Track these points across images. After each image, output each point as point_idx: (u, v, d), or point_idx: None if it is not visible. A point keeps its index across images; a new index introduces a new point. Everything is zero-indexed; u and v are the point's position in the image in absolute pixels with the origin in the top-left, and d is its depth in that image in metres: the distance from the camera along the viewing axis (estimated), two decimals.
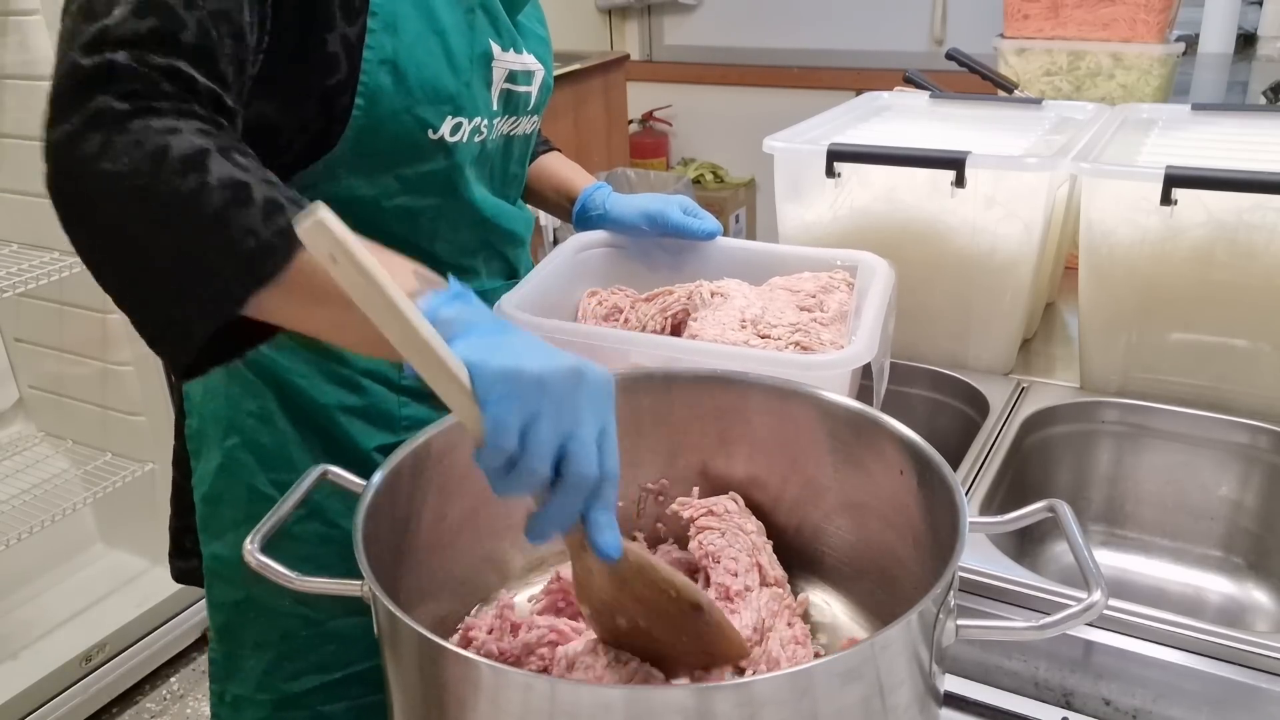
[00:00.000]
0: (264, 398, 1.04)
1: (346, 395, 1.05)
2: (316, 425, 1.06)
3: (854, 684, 0.62)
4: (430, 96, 0.95)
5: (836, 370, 0.93)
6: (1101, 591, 0.66)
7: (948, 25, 3.74)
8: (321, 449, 1.06)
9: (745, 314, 1.05)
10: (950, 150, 1.20)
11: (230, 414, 1.06)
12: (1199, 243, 1.11)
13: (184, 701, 2.26)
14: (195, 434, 1.10)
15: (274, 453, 1.05)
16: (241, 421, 1.05)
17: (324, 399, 1.05)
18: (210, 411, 1.07)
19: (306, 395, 1.04)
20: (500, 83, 1.03)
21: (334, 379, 1.05)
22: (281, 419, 1.05)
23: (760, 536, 0.91)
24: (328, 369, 1.05)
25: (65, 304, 2.17)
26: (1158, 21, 1.85)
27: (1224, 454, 1.15)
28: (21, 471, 2.26)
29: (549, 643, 0.79)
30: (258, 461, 1.06)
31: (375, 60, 0.90)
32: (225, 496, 1.08)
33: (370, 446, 1.06)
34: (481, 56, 1.00)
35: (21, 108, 2.00)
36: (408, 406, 1.08)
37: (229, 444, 1.06)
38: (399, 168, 0.97)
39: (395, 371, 1.07)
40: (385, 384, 1.07)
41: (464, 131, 0.99)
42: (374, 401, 1.07)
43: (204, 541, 1.12)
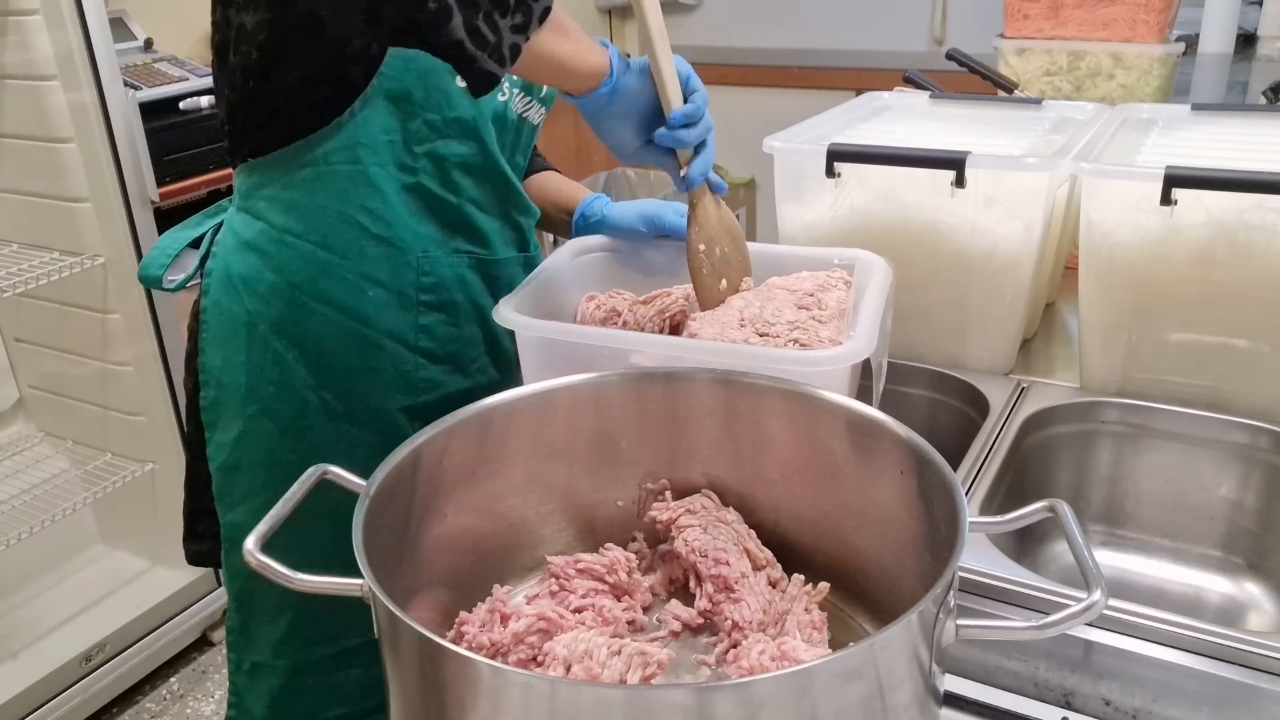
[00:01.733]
0: (286, 364, 1.08)
1: (369, 356, 1.10)
2: (339, 389, 1.10)
3: (854, 684, 0.62)
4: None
5: (836, 366, 0.93)
6: (1101, 591, 0.66)
7: (948, 25, 3.74)
8: (342, 412, 1.10)
9: (744, 313, 1.06)
10: (950, 150, 1.20)
11: (251, 382, 1.09)
12: (1199, 243, 1.11)
13: (184, 701, 2.26)
14: (212, 405, 1.13)
15: (293, 419, 1.09)
16: (262, 388, 1.09)
17: (348, 360, 1.09)
18: (230, 381, 1.11)
19: (331, 357, 1.09)
20: None
21: (357, 341, 1.09)
22: (303, 385, 1.09)
23: (741, 525, 0.92)
24: (352, 330, 1.08)
25: (65, 304, 2.17)
26: (1158, 21, 1.85)
27: (1224, 454, 1.15)
28: (21, 471, 2.26)
29: (538, 630, 0.79)
30: (277, 429, 1.10)
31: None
32: (243, 465, 1.12)
33: (394, 407, 1.11)
34: None
35: (21, 108, 2.00)
36: (424, 369, 1.13)
37: (249, 411, 1.10)
38: (428, 111, 1.05)
39: (413, 333, 1.11)
40: (404, 344, 1.11)
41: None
42: (393, 362, 1.11)
43: (221, 511, 1.16)
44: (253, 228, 1.08)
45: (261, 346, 1.08)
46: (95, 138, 1.96)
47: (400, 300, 1.10)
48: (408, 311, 1.11)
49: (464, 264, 1.13)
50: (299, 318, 1.08)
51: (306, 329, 1.08)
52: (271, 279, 1.07)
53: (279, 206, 1.07)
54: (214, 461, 1.14)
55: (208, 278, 1.13)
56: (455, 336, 1.15)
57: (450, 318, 1.13)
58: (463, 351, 1.16)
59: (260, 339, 1.08)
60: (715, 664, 0.84)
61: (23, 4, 1.91)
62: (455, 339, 1.15)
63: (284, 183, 1.06)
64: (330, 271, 1.07)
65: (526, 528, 0.94)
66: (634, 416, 0.94)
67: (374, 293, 1.08)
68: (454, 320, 1.14)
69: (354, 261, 1.07)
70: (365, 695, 1.17)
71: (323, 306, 1.07)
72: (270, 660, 1.16)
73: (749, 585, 0.86)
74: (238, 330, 1.09)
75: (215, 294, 1.11)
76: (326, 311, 1.08)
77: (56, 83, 1.94)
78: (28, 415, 2.43)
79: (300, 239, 1.06)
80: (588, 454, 0.95)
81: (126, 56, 2.23)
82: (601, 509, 0.96)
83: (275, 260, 1.07)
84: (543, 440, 0.92)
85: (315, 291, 1.07)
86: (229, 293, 1.10)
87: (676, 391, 0.93)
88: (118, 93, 1.95)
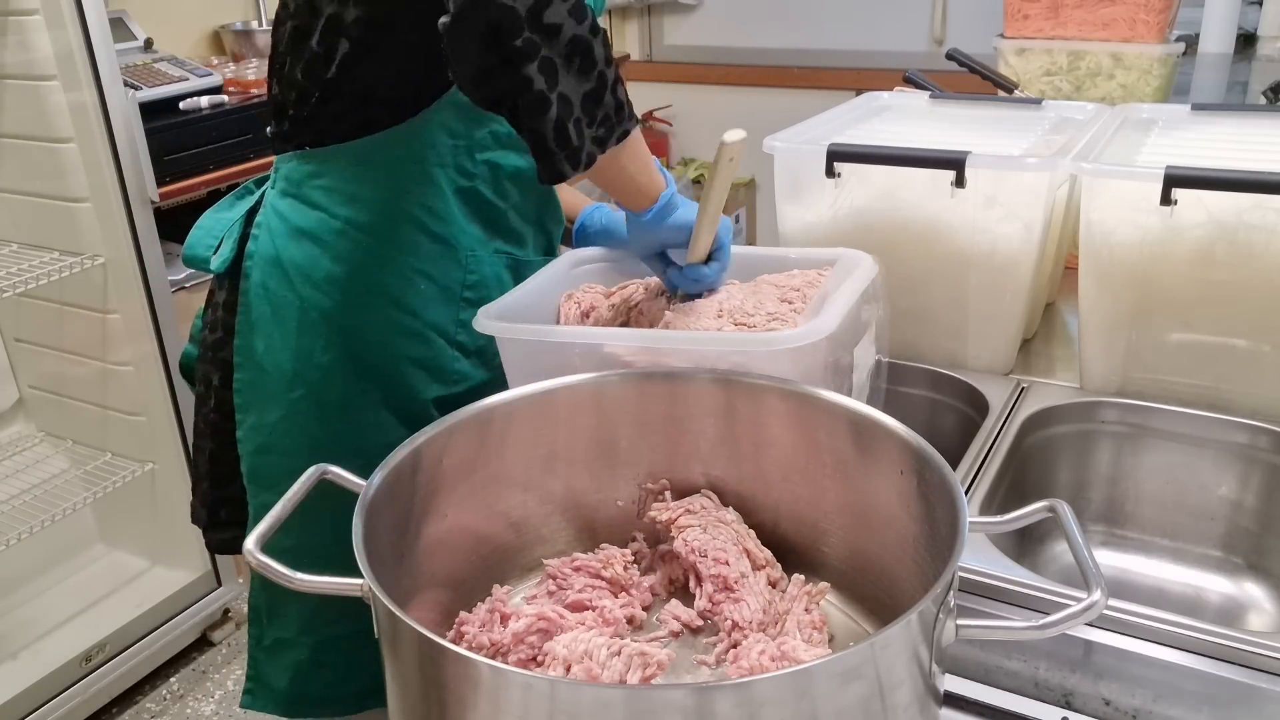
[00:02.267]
0: (334, 350, 1.11)
1: (414, 347, 1.13)
2: (382, 377, 1.13)
3: (854, 684, 0.62)
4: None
5: (792, 345, 0.92)
6: (1101, 591, 0.66)
7: (948, 25, 3.74)
8: (381, 400, 1.13)
9: (724, 305, 1.05)
10: (950, 150, 1.20)
11: (297, 366, 1.12)
12: (1199, 243, 1.11)
13: (184, 701, 2.26)
14: (248, 387, 1.15)
15: (338, 404, 1.12)
16: (309, 374, 1.12)
17: (395, 350, 1.12)
18: (273, 364, 1.13)
19: (380, 347, 1.12)
20: None
21: (405, 332, 1.12)
22: (348, 372, 1.12)
23: (741, 525, 0.92)
24: (402, 322, 1.12)
25: (65, 304, 2.17)
26: (1158, 21, 1.85)
27: (1224, 454, 1.15)
28: (21, 471, 2.26)
29: (538, 630, 0.79)
30: (321, 413, 1.12)
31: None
32: (281, 447, 1.14)
33: (429, 397, 1.14)
34: None
35: (21, 108, 2.00)
36: (459, 361, 1.16)
37: (295, 395, 1.12)
38: (494, 122, 1.10)
39: (454, 326, 1.15)
40: (445, 338, 1.15)
41: None
42: (435, 354, 1.14)
43: (253, 493, 1.18)
44: (309, 216, 1.11)
45: (312, 332, 1.11)
46: (95, 138, 1.96)
47: (445, 295, 1.13)
48: (451, 306, 1.14)
49: (502, 263, 1.17)
50: (354, 307, 1.11)
51: (360, 319, 1.11)
52: (329, 268, 1.10)
53: (339, 198, 1.10)
54: (247, 444, 1.16)
55: (249, 260, 1.15)
56: None
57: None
58: (490, 345, 1.17)
59: (311, 325, 1.11)
60: (715, 664, 0.84)
61: (23, 4, 1.91)
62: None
63: (346, 175, 1.10)
64: (387, 264, 1.10)
65: (526, 528, 0.94)
66: (634, 416, 0.94)
67: (425, 286, 1.12)
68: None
69: (409, 256, 1.11)
70: (383, 672, 1.18)
71: (376, 298, 1.11)
72: (296, 636, 1.19)
73: (749, 585, 0.87)
74: (287, 315, 1.12)
75: (261, 276, 1.13)
76: (379, 303, 1.11)
77: (56, 83, 1.94)
78: (28, 415, 2.43)
79: (362, 231, 1.10)
80: (588, 454, 0.95)
81: (126, 56, 2.23)
82: (601, 509, 0.96)
83: (335, 250, 1.10)
84: (543, 440, 0.92)
85: (371, 283, 1.10)
86: (278, 277, 1.12)
87: (676, 391, 0.93)
88: (118, 93, 1.95)
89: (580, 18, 0.90)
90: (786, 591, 0.89)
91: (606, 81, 0.93)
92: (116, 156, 1.98)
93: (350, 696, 1.20)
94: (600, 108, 0.93)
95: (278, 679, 1.21)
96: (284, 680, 1.21)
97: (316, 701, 1.21)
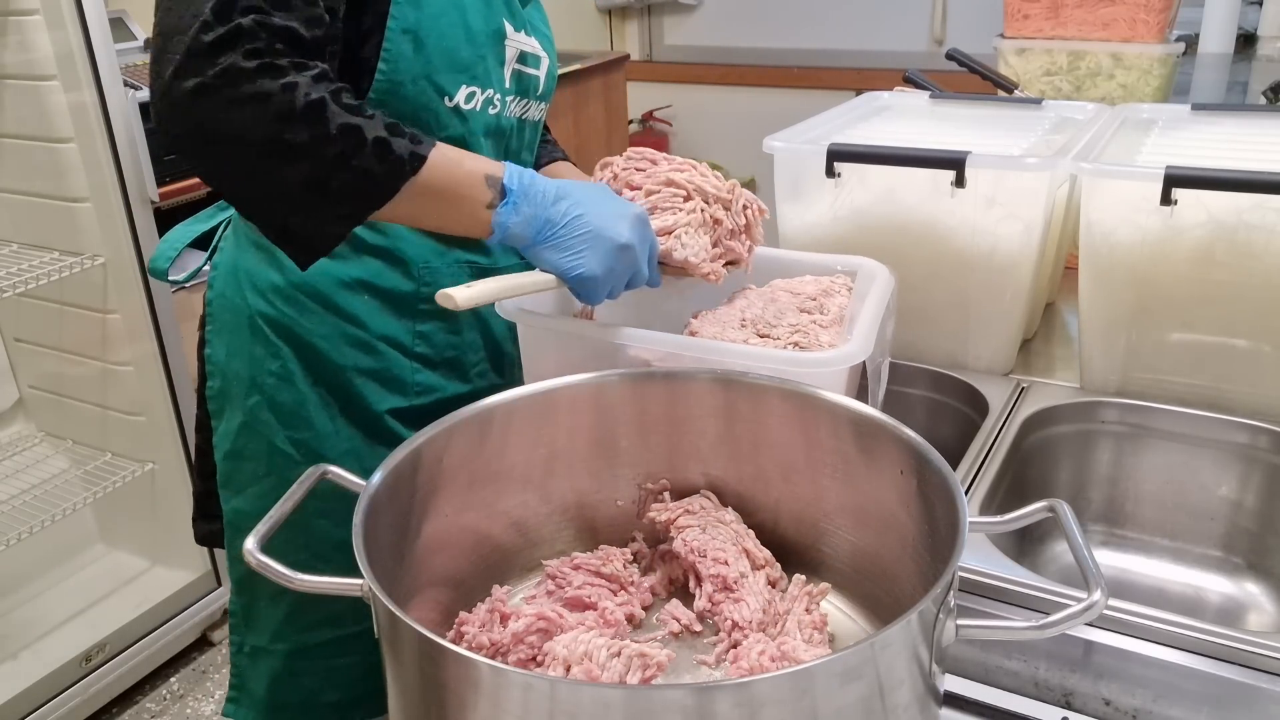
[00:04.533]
0: (285, 358, 1.10)
1: (363, 357, 1.11)
2: (334, 385, 1.11)
3: (854, 684, 0.62)
4: (448, 65, 1.02)
5: (832, 368, 0.93)
6: (1101, 591, 0.66)
7: (948, 25, 3.74)
8: (338, 409, 1.12)
9: (745, 313, 1.06)
10: (950, 150, 1.20)
11: (252, 373, 1.11)
12: (1199, 243, 1.11)
13: (184, 701, 2.26)
14: (217, 394, 1.16)
15: (293, 411, 1.11)
16: (263, 381, 1.11)
17: (342, 360, 1.11)
18: (233, 371, 1.13)
19: (326, 356, 1.10)
20: (512, 62, 1.10)
21: (352, 342, 1.11)
22: (301, 379, 1.11)
23: (740, 525, 0.92)
24: (347, 332, 1.10)
25: (65, 304, 2.17)
26: (1158, 21, 1.85)
27: (1224, 454, 1.15)
28: (21, 471, 2.26)
29: (537, 630, 0.79)
30: (277, 419, 1.11)
31: (398, 29, 0.98)
32: (246, 452, 1.14)
33: (383, 408, 1.12)
34: (495, 33, 1.06)
35: (21, 108, 2.00)
36: (420, 373, 1.14)
37: (250, 402, 1.12)
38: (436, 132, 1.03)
39: (410, 338, 1.13)
40: (400, 349, 1.13)
41: (477, 100, 1.06)
42: (388, 365, 1.12)
43: (225, 498, 1.18)
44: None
45: (263, 340, 1.11)
46: (95, 138, 1.96)
47: (398, 307, 1.12)
48: (405, 318, 1.13)
49: (466, 273, 1.14)
50: (298, 315, 1.10)
51: (304, 326, 1.10)
52: (273, 276, 1.10)
53: None
54: (219, 450, 1.17)
55: (214, 270, 1.16)
56: (455, 343, 1.16)
57: (450, 325, 1.15)
58: (462, 356, 1.17)
59: (261, 333, 1.11)
60: (715, 664, 0.84)
61: (23, 4, 1.91)
62: (454, 345, 1.16)
63: None
64: (328, 273, 1.09)
65: (526, 527, 0.94)
66: (634, 416, 0.94)
67: (368, 298, 1.11)
68: (454, 328, 1.15)
69: (351, 267, 1.09)
70: (363, 680, 1.18)
71: (320, 307, 1.10)
72: (269, 644, 1.18)
73: (748, 585, 0.87)
74: (241, 323, 1.12)
75: (220, 286, 1.15)
76: (322, 312, 1.10)
77: (56, 83, 1.94)
78: (28, 415, 2.43)
79: None
80: (588, 454, 0.95)
81: (126, 56, 2.22)
82: (601, 509, 0.96)
83: (278, 258, 1.09)
84: (543, 440, 0.92)
85: (312, 292, 1.09)
86: (233, 286, 1.13)
87: (676, 391, 0.93)
88: (118, 93, 1.95)
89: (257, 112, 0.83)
90: (787, 591, 0.89)
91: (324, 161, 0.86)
92: (116, 156, 1.98)
93: (329, 705, 1.20)
94: (328, 189, 0.87)
95: (257, 686, 1.21)
96: (263, 688, 1.21)
97: (296, 709, 1.21)
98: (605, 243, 0.94)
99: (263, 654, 1.20)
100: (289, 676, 1.19)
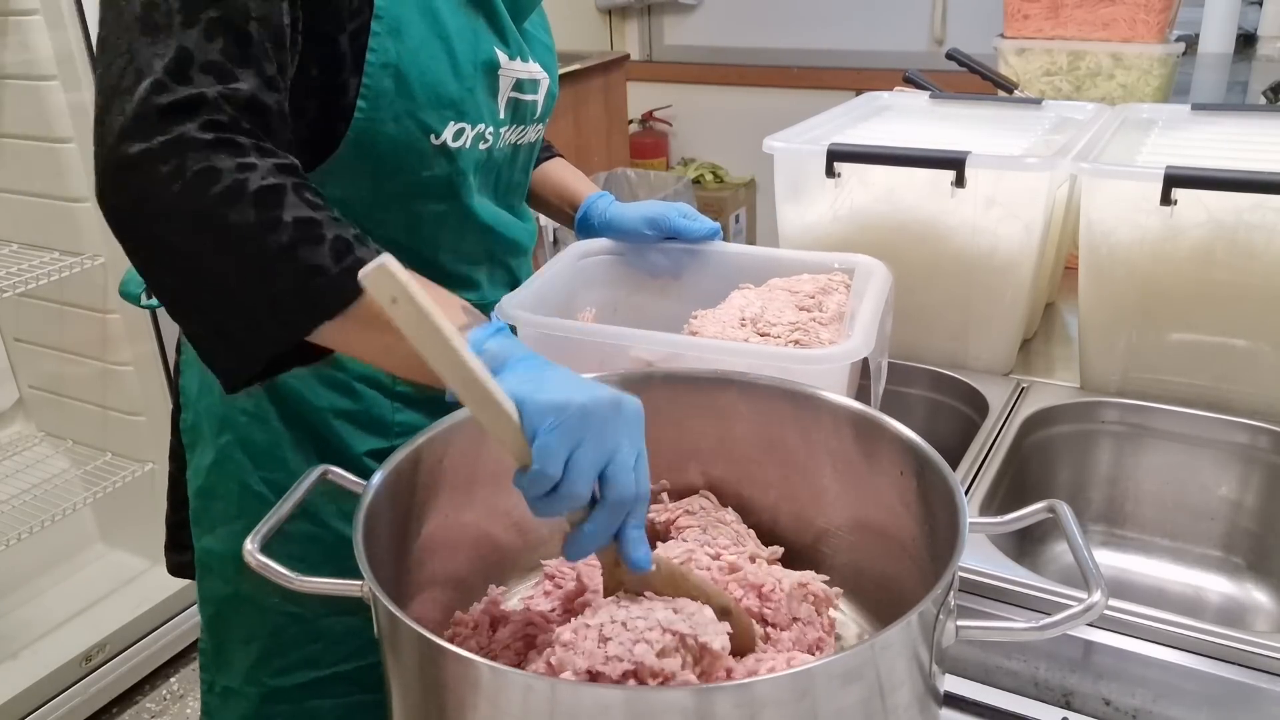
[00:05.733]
0: (258, 397, 1.04)
1: (339, 399, 1.05)
2: (309, 427, 1.06)
3: (854, 684, 0.62)
4: (433, 101, 0.94)
5: (833, 365, 0.93)
6: (1101, 592, 0.66)
7: (948, 25, 3.74)
8: (314, 450, 1.06)
9: (745, 312, 1.06)
10: (950, 150, 1.20)
11: (224, 411, 1.06)
12: (1199, 243, 1.11)
13: (184, 701, 2.26)
14: (190, 429, 1.11)
15: (266, 451, 1.05)
16: (235, 419, 1.05)
17: (317, 401, 1.05)
18: (205, 407, 1.08)
19: (300, 397, 1.04)
20: (507, 92, 1.03)
21: (328, 383, 1.05)
22: (274, 419, 1.05)
23: (740, 525, 0.91)
24: (322, 373, 1.04)
25: (65, 304, 2.17)
26: (1158, 21, 1.85)
27: (1224, 454, 1.15)
28: (21, 471, 2.26)
29: (524, 636, 0.79)
30: (250, 459, 1.06)
31: (378, 64, 0.90)
32: (217, 491, 1.09)
33: (361, 450, 1.06)
34: (486, 64, 0.99)
35: (21, 108, 2.00)
36: (401, 412, 1.08)
37: (222, 441, 1.06)
38: (401, 173, 0.97)
39: (389, 378, 1.06)
40: (379, 389, 1.07)
41: (467, 137, 0.98)
42: (367, 406, 1.07)
43: (196, 535, 1.13)
44: None
45: None
46: None
47: None
48: None
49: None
50: None
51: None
52: None
53: None
54: (191, 484, 1.12)
55: None
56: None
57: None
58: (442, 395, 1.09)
59: None
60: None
61: (23, 4, 1.91)
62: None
63: None
64: None
65: (526, 528, 0.94)
66: None
67: None
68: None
69: None
70: None
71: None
72: (240, 686, 1.13)
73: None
74: None
75: None
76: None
77: (56, 83, 1.94)
78: (28, 415, 2.43)
79: None
80: None
81: None
82: None
83: None
84: None
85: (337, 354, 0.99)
86: None
87: (676, 391, 0.93)
88: None
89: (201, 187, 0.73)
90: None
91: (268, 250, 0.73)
92: None
93: None
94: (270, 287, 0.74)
95: None
96: None
97: None
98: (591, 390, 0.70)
99: (234, 695, 1.14)
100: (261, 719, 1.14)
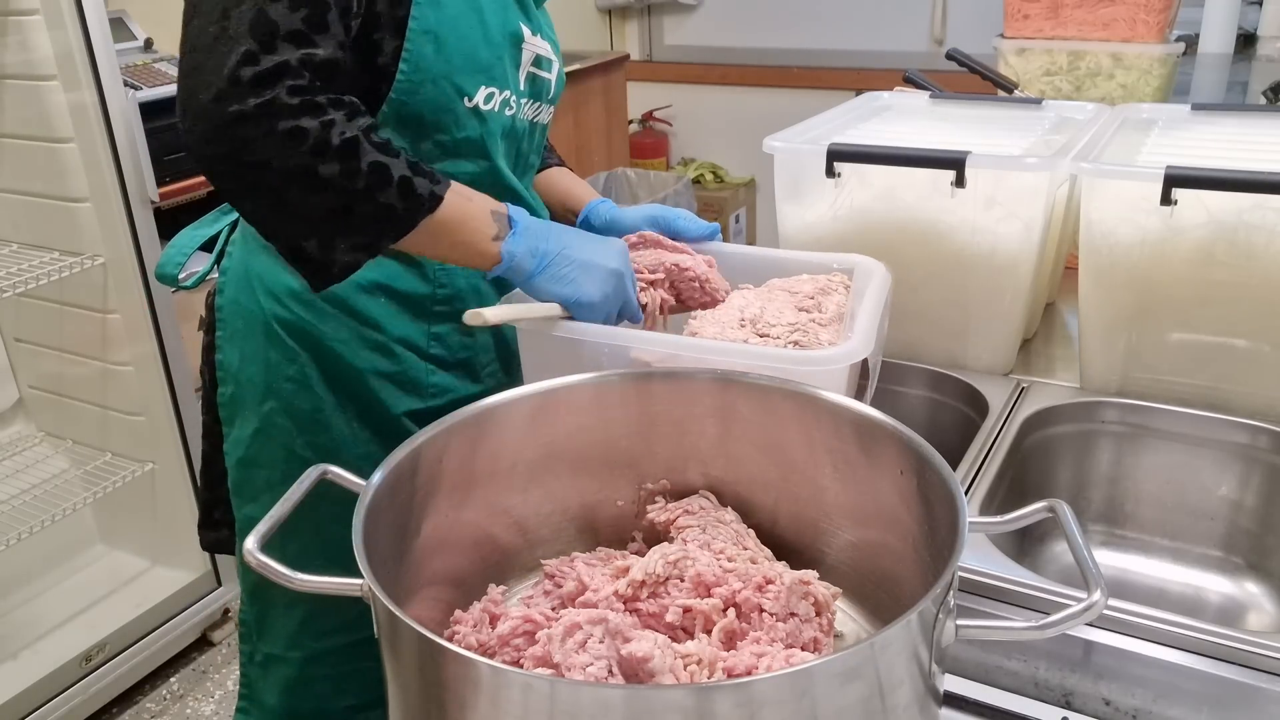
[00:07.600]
0: (301, 362, 1.11)
1: (380, 360, 1.12)
2: (351, 390, 1.12)
3: (854, 684, 0.62)
4: (467, 66, 1.03)
5: (833, 366, 0.93)
6: (1101, 591, 0.66)
7: (948, 25, 3.74)
8: (355, 412, 1.13)
9: (744, 313, 1.06)
10: (950, 150, 1.20)
11: (268, 379, 1.12)
12: (1199, 243, 1.11)
13: (184, 701, 2.26)
14: (229, 401, 1.16)
15: (310, 416, 1.12)
16: (279, 386, 1.11)
17: (359, 364, 1.11)
18: (247, 377, 1.13)
19: (343, 360, 1.11)
20: (528, 65, 1.11)
21: (369, 345, 1.11)
22: (318, 383, 1.11)
23: (740, 525, 0.92)
24: (365, 335, 1.11)
25: (65, 304, 2.17)
26: (1158, 21, 1.85)
27: (1224, 454, 1.15)
28: (21, 471, 2.26)
29: (523, 634, 0.79)
30: (294, 424, 1.12)
31: (419, 30, 1.00)
32: (260, 459, 1.14)
33: (400, 411, 1.13)
34: (512, 36, 1.08)
35: (21, 108, 2.00)
36: (435, 374, 1.15)
37: (266, 408, 1.12)
38: (438, 133, 1.06)
39: (425, 340, 1.15)
40: (416, 352, 1.14)
41: (495, 101, 1.07)
42: (405, 368, 1.13)
43: (237, 505, 1.18)
44: None
45: (279, 345, 1.11)
46: (95, 138, 1.96)
47: (414, 310, 1.13)
48: (421, 320, 1.13)
49: (478, 275, 1.15)
50: (314, 319, 1.10)
51: (321, 331, 1.10)
52: (289, 281, 1.10)
53: None
54: (231, 456, 1.17)
55: (223, 275, 1.16)
56: (467, 344, 1.17)
57: (463, 326, 1.14)
58: (474, 358, 1.18)
59: (277, 338, 1.11)
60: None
61: (23, 4, 1.91)
62: (468, 346, 1.17)
63: None
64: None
65: (526, 527, 0.94)
66: (634, 416, 0.94)
67: (385, 300, 1.11)
68: (468, 329, 1.15)
69: (368, 270, 1.07)
70: (375, 687, 1.17)
71: (336, 310, 1.10)
72: (284, 652, 1.18)
73: None
74: (255, 328, 1.12)
75: (232, 292, 1.14)
76: (340, 316, 1.10)
77: (56, 83, 1.94)
78: (28, 415, 2.43)
79: None
80: (587, 454, 0.94)
81: (126, 56, 2.22)
82: (601, 509, 0.96)
83: None
84: (543, 440, 0.92)
85: (329, 295, 1.09)
86: (246, 291, 1.12)
87: (676, 391, 0.93)
88: (118, 93, 1.95)
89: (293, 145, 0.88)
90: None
91: (351, 194, 0.91)
92: (116, 156, 1.98)
93: (342, 711, 1.20)
94: (351, 219, 0.92)
95: (268, 695, 1.21)
96: (275, 696, 1.21)
97: (308, 716, 1.21)
98: (598, 270, 1.01)
99: (277, 661, 1.19)
100: (303, 684, 1.19)
